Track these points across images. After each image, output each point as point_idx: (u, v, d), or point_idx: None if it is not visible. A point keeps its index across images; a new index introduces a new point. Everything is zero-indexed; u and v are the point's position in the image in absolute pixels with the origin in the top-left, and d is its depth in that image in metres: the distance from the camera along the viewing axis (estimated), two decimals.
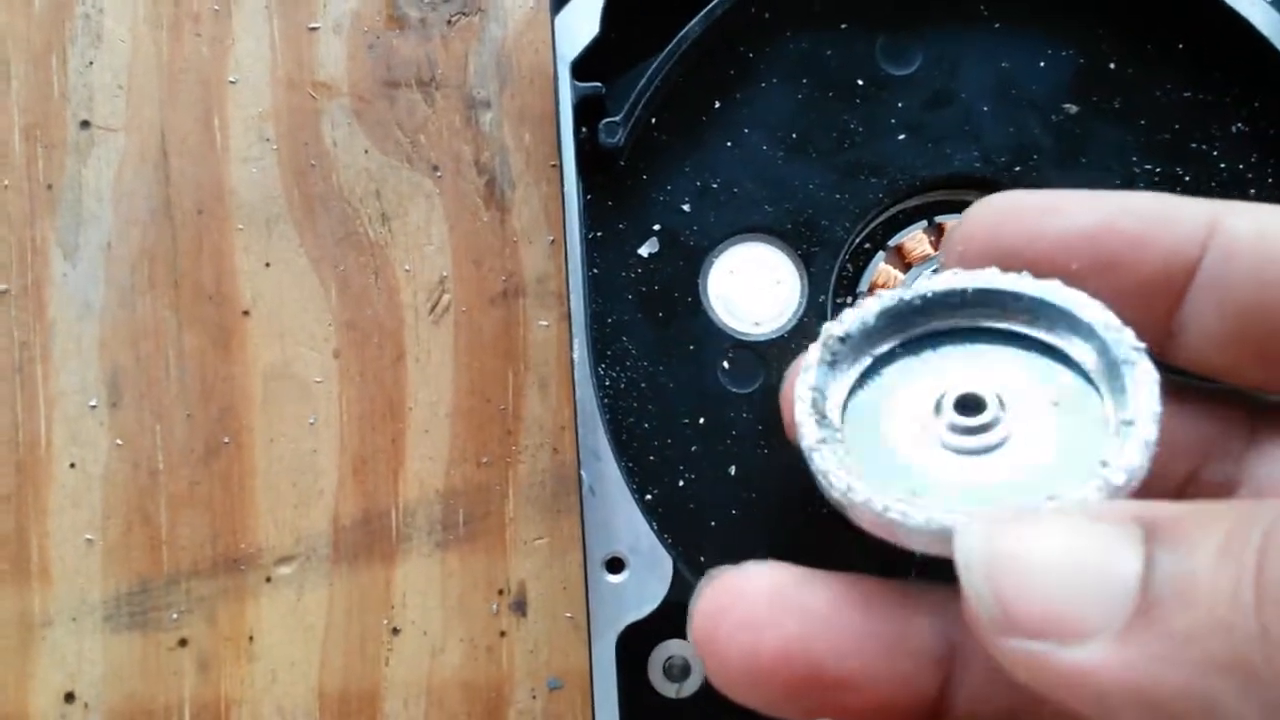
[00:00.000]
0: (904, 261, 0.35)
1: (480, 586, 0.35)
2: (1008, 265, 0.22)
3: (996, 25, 0.34)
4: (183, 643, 0.34)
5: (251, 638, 0.34)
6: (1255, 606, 0.14)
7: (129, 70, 0.36)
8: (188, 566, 0.34)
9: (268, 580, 0.35)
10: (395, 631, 0.35)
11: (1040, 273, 0.22)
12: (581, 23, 0.32)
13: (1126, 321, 0.21)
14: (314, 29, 0.36)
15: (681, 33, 0.32)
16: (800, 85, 0.34)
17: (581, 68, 0.32)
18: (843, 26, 0.34)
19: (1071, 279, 0.22)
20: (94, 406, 0.35)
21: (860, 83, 0.34)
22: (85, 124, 0.36)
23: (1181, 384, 0.23)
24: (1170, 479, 0.23)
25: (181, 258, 0.35)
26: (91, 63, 0.36)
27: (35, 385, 0.35)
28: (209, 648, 0.34)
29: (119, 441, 0.35)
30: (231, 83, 0.36)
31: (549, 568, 0.35)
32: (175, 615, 0.34)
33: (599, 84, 0.32)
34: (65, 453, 0.34)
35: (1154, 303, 0.22)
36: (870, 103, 0.34)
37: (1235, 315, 0.21)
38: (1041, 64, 0.34)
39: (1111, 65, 0.34)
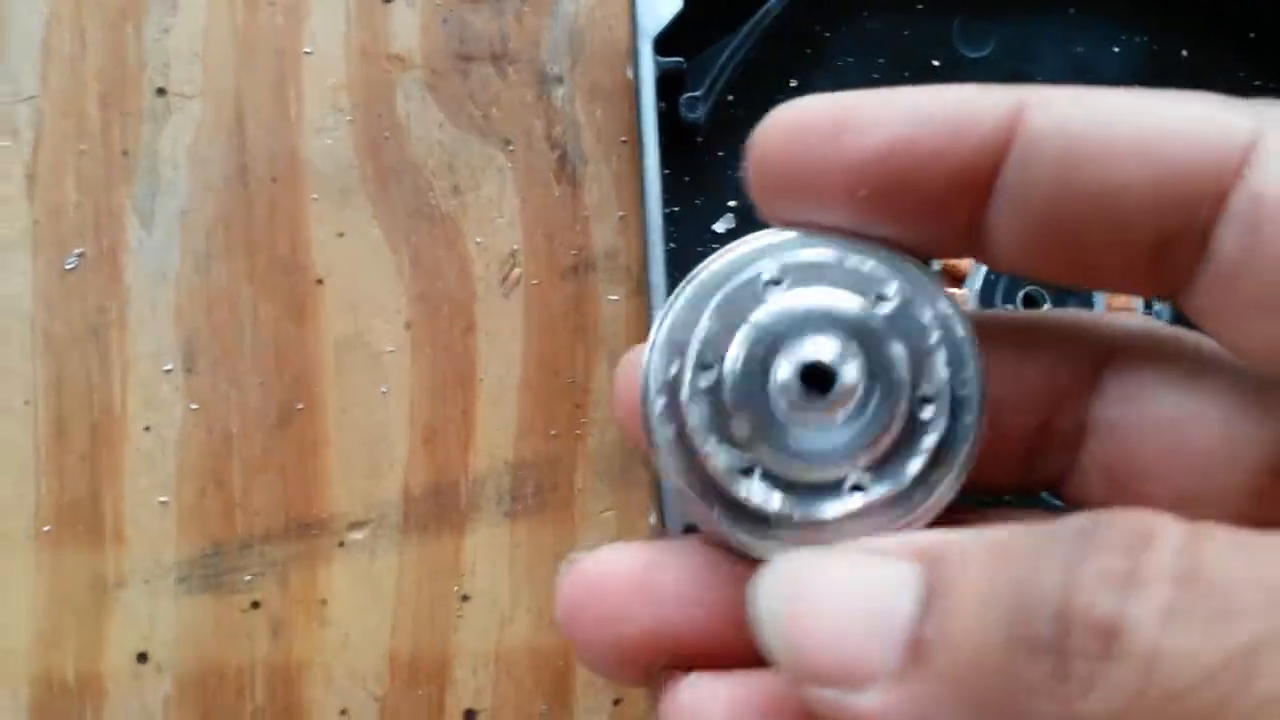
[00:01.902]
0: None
1: (548, 557, 0.36)
2: (804, 200, 0.22)
3: (1071, 10, 0.34)
4: (255, 605, 0.35)
5: (324, 601, 0.35)
6: (1004, 647, 0.14)
7: (204, 38, 0.36)
8: (260, 531, 0.35)
9: (340, 545, 0.35)
10: (465, 599, 0.35)
11: (839, 201, 0.21)
12: None
13: (928, 233, 0.21)
14: (388, 2, 0.36)
15: (762, 10, 0.33)
16: (876, 64, 0.34)
17: (662, 43, 0.32)
18: (919, 7, 0.34)
19: (867, 205, 0.21)
20: (169, 371, 0.35)
21: (936, 64, 0.34)
22: (161, 91, 0.36)
23: (1023, 327, 0.23)
24: (1021, 432, 0.22)
25: (256, 226, 0.36)
26: (167, 30, 0.36)
27: (111, 350, 0.35)
28: (281, 611, 0.35)
29: (194, 406, 0.35)
30: (306, 54, 0.36)
31: (616, 540, 0.36)
32: (248, 578, 0.35)
33: (680, 59, 0.32)
34: (140, 416, 0.35)
35: (955, 210, 0.20)
36: (945, 83, 0.34)
37: (1038, 218, 0.20)
38: (1114, 49, 0.34)
39: (1184, 53, 0.34)
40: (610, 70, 0.37)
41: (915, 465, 0.23)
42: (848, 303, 0.23)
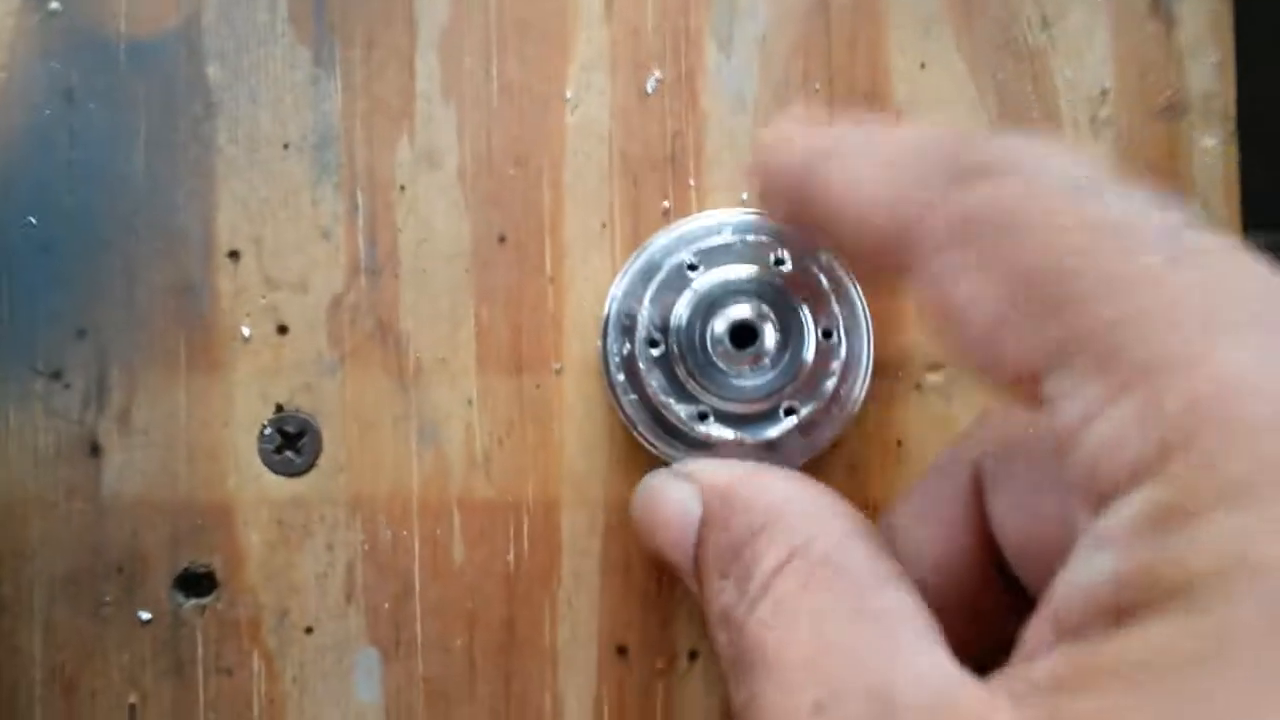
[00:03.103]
0: None
1: None
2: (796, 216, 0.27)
3: None
4: (833, 445, 0.34)
5: (900, 443, 0.34)
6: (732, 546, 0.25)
7: None
8: None
9: (917, 387, 0.34)
10: None
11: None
12: None
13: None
14: None
15: None
16: None
17: None
18: None
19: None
20: (745, 200, 0.34)
21: None
22: None
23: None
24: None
25: (836, 53, 0.34)
26: None
27: (686, 175, 0.34)
28: (858, 450, 0.34)
29: None
30: None
31: None
32: None
33: None
34: None
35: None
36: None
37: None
38: None
39: None
40: None
41: (830, 384, 0.31)
42: (752, 272, 0.31)
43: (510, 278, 0.33)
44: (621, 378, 0.32)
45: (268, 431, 0.32)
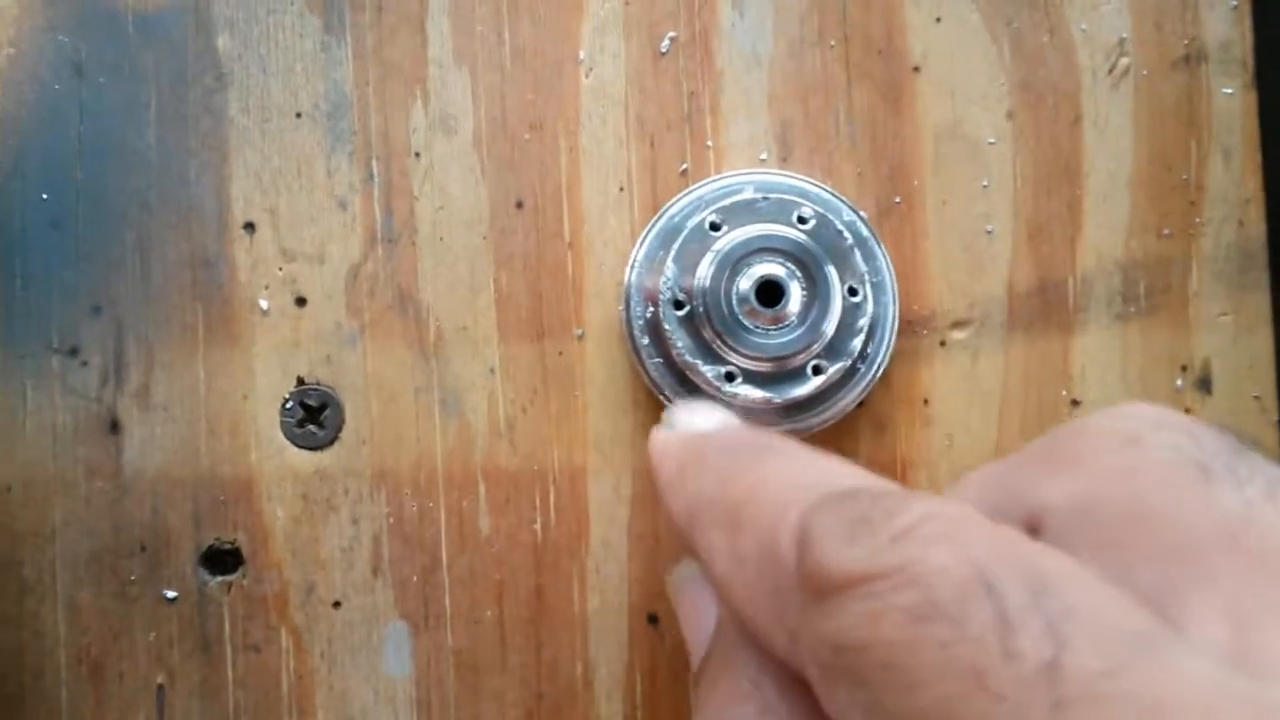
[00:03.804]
0: None
1: (1162, 362, 0.33)
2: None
3: None
4: (859, 405, 0.33)
5: (926, 401, 0.33)
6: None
7: None
8: None
9: (942, 344, 0.33)
10: (1075, 404, 0.33)
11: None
12: None
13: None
14: None
15: None
16: None
17: None
18: None
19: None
20: (764, 159, 0.34)
21: None
22: None
23: None
24: None
25: (851, 9, 0.34)
26: None
27: (704, 136, 0.34)
28: (885, 410, 0.33)
29: None
30: None
31: (1234, 345, 0.33)
32: None
33: None
34: None
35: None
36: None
37: None
38: None
39: None
40: None
41: (857, 342, 0.31)
42: (778, 229, 0.31)
43: (529, 244, 0.33)
44: (646, 341, 0.31)
45: (289, 405, 0.32)
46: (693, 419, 0.24)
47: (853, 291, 0.31)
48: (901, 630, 0.14)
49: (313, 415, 0.32)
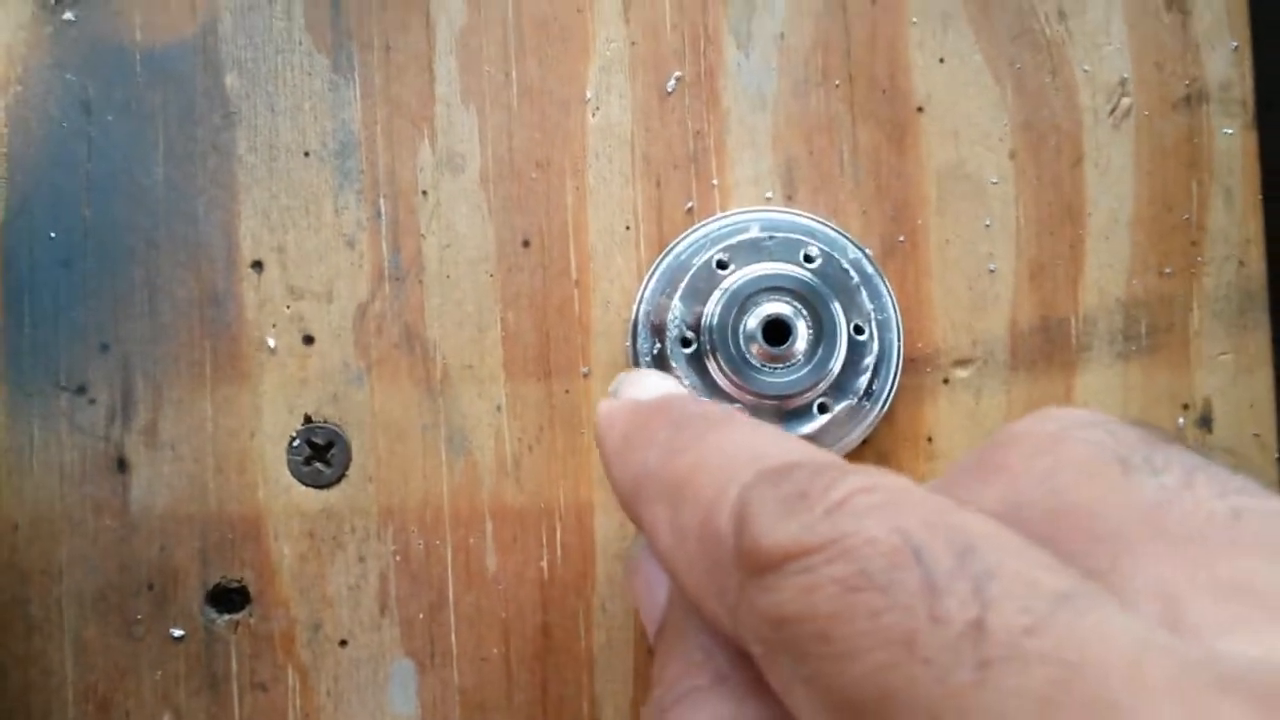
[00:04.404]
0: None
1: (1164, 400, 0.34)
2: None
3: None
4: (864, 442, 0.33)
5: (930, 439, 0.34)
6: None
7: None
8: None
9: (945, 382, 0.34)
10: None
11: None
12: None
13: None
14: None
15: None
16: None
17: None
18: None
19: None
20: (768, 198, 0.34)
21: None
22: None
23: None
24: None
25: (855, 49, 0.34)
26: None
27: (709, 174, 0.34)
28: (887, 446, 0.34)
29: None
30: None
31: (1234, 384, 0.34)
32: None
33: None
34: None
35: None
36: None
37: None
38: None
39: None
40: None
41: (863, 380, 0.31)
42: (785, 269, 0.31)
43: (535, 282, 0.33)
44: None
45: (296, 443, 0.32)
46: (640, 388, 0.23)
47: (858, 330, 0.31)
48: (835, 602, 0.14)
49: (320, 453, 0.32)
